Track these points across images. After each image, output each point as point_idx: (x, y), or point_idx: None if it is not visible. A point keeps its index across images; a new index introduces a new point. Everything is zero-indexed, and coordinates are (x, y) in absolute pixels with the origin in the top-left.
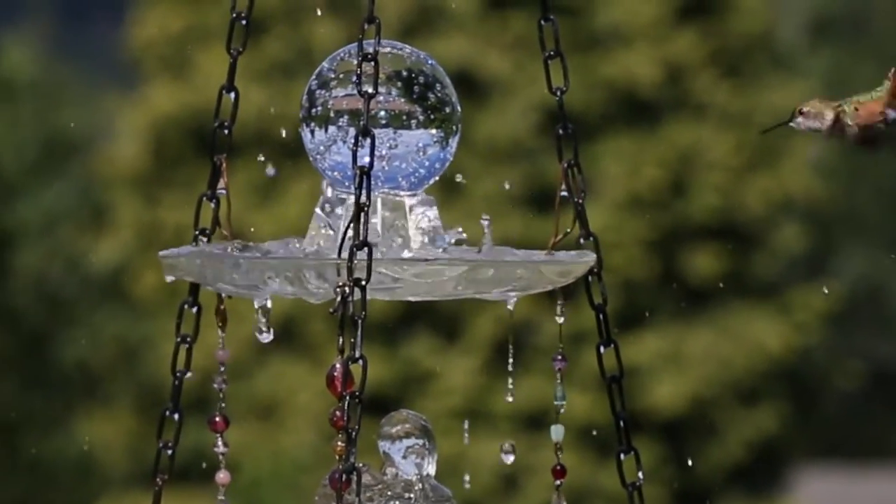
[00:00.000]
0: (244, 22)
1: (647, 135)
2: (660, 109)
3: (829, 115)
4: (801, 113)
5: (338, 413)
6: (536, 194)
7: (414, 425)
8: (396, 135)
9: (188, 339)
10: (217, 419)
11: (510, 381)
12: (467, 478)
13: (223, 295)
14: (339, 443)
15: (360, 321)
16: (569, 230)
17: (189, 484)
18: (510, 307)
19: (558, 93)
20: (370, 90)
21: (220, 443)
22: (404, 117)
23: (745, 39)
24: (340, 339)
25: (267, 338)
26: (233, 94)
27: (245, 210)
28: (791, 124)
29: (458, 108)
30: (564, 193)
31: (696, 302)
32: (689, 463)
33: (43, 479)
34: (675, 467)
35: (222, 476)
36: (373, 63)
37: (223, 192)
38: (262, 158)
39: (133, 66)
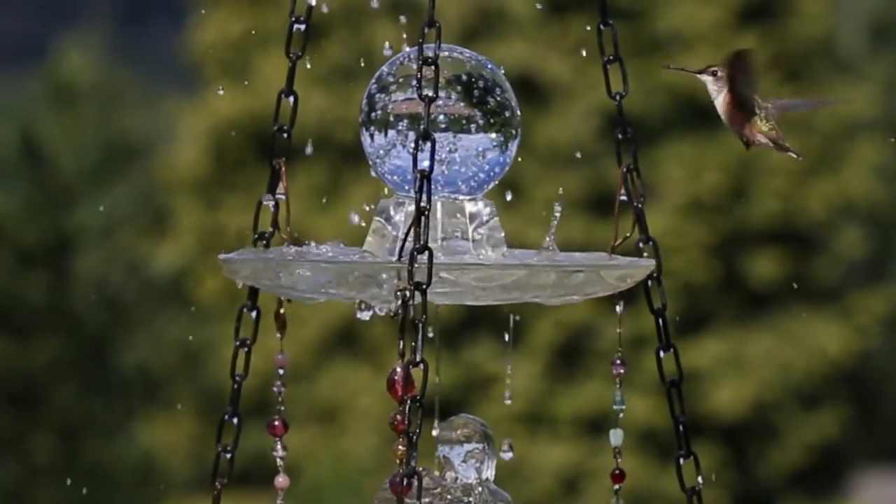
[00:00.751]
0: (304, 26)
1: (707, 139)
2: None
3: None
4: (713, 73)
5: (398, 417)
6: (596, 198)
7: (474, 430)
8: (456, 139)
9: (247, 344)
10: (276, 423)
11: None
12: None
13: (282, 299)
14: (400, 447)
15: (420, 325)
16: (629, 234)
17: (250, 488)
18: (555, 304)
19: (618, 97)
20: (430, 94)
21: (279, 447)
22: (464, 121)
23: (806, 44)
24: (401, 343)
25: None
26: (292, 98)
27: (305, 214)
28: (698, 75)
29: (518, 113)
30: (624, 198)
31: (757, 306)
32: (750, 467)
33: (104, 484)
34: (735, 471)
35: (281, 480)
36: (433, 67)
37: (283, 196)
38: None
39: (193, 71)
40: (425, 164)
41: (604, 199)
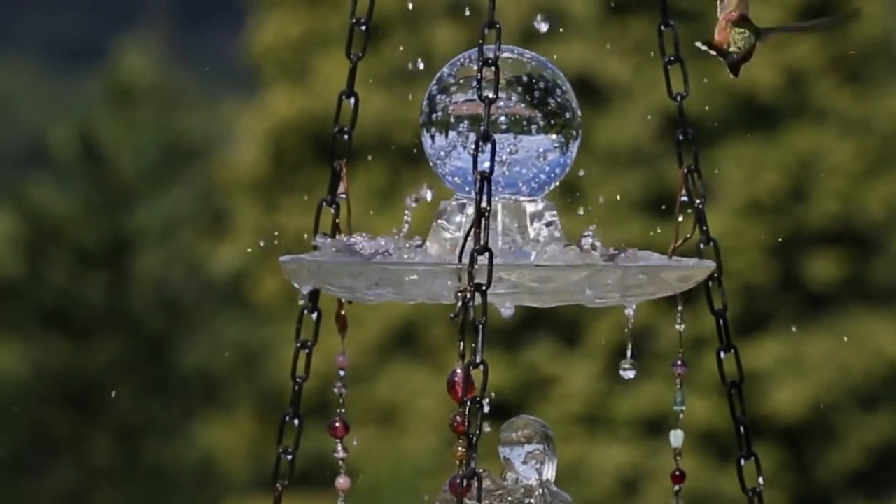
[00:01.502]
0: (364, 27)
1: (766, 140)
2: (780, 115)
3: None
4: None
5: (458, 418)
6: (656, 199)
7: (534, 431)
8: (517, 140)
9: (308, 345)
10: (337, 424)
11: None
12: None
13: (343, 300)
14: (460, 448)
15: (480, 326)
16: (689, 236)
17: (310, 489)
18: (630, 312)
19: (678, 98)
20: (491, 95)
21: (339, 448)
22: (525, 122)
23: (866, 45)
24: (461, 345)
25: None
26: (353, 100)
27: (365, 215)
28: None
29: (579, 113)
30: (684, 198)
31: (816, 307)
32: (810, 468)
33: (163, 485)
34: (794, 472)
35: (342, 481)
36: (493, 68)
37: (343, 196)
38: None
39: (252, 72)
40: (486, 165)
41: (663, 200)
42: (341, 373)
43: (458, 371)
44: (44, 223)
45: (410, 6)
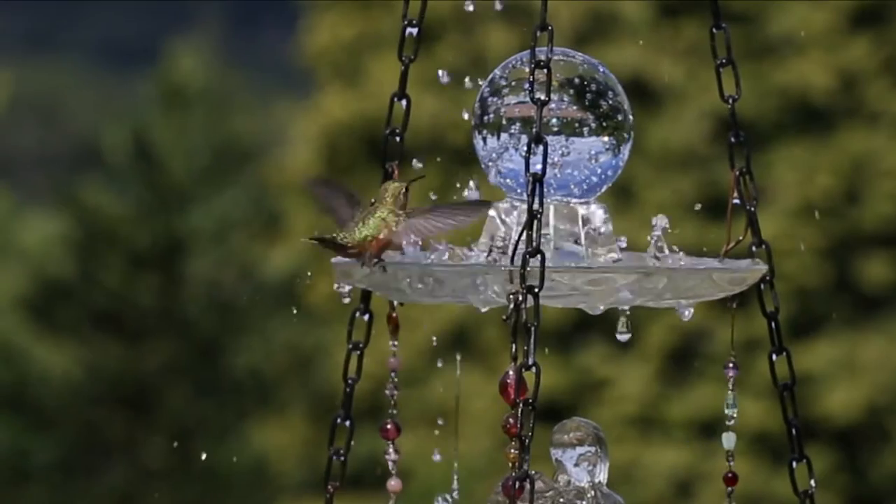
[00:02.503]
0: (416, 29)
1: (820, 142)
2: (833, 117)
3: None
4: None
5: (511, 420)
6: (708, 202)
7: (586, 433)
8: (569, 142)
9: (360, 347)
10: (388, 426)
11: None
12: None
13: (395, 302)
14: (513, 450)
15: (533, 328)
16: (741, 238)
17: (361, 491)
18: (687, 315)
19: (730, 100)
20: (543, 97)
21: (391, 450)
22: (576, 124)
23: None
24: (514, 347)
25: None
26: (405, 102)
27: None
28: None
29: (631, 116)
30: (737, 201)
31: (870, 309)
32: (863, 471)
33: (216, 487)
34: (847, 475)
35: (393, 484)
36: (545, 70)
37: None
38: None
39: (305, 74)
40: (538, 167)
41: (715, 203)
42: (393, 375)
43: (511, 373)
44: (97, 225)
45: (471, 7)
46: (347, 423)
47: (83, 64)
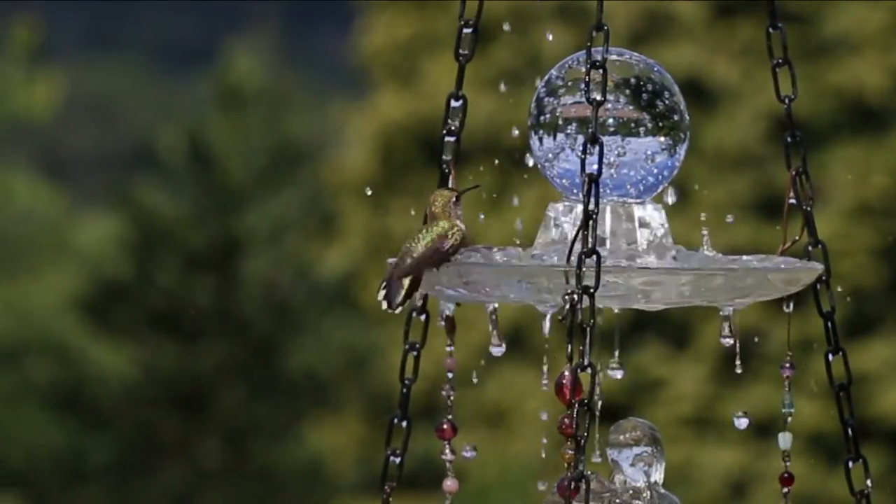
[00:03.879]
0: (472, 29)
1: (875, 142)
2: (889, 117)
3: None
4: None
5: (566, 421)
6: (764, 202)
7: (642, 433)
8: (625, 142)
9: (416, 347)
10: (444, 427)
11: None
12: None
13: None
14: (568, 450)
15: (588, 329)
16: (797, 238)
17: (417, 491)
18: (726, 313)
19: (786, 100)
20: (599, 97)
21: (447, 450)
22: (633, 125)
23: None
24: (569, 347)
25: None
26: (461, 102)
27: (473, 217)
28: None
29: (687, 116)
30: (793, 201)
31: None
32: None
33: (272, 486)
34: None
35: (450, 483)
36: (601, 70)
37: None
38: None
39: (361, 74)
40: (594, 167)
41: (771, 203)
42: (449, 375)
43: (567, 374)
44: (153, 226)
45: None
46: (404, 423)
47: (140, 64)
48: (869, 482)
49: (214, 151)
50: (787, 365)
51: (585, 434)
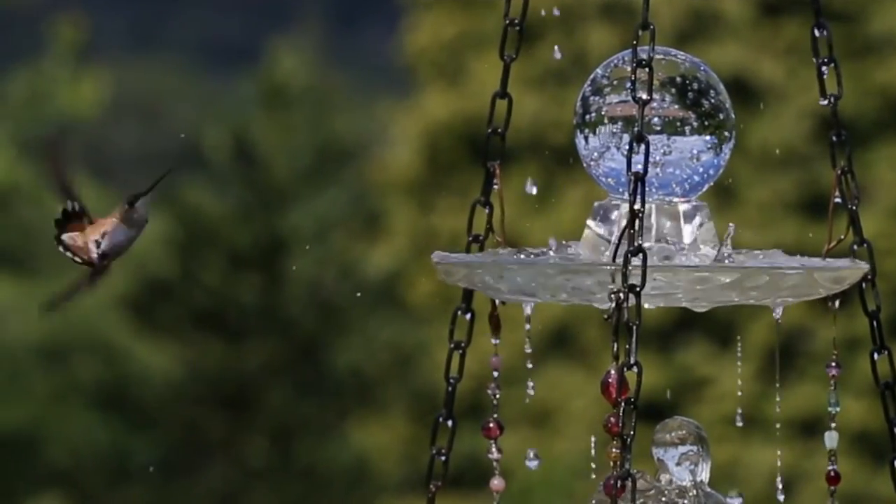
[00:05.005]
0: (518, 28)
1: None
2: None
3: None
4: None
5: (612, 419)
6: (809, 201)
7: (688, 432)
8: (670, 141)
9: (462, 346)
10: (491, 425)
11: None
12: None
13: (496, 301)
14: (614, 449)
15: (634, 327)
16: (842, 237)
17: (463, 490)
18: (777, 315)
19: (832, 99)
20: (645, 96)
21: (493, 449)
22: (678, 123)
23: None
24: (615, 346)
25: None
26: (506, 101)
27: (519, 216)
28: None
29: (732, 115)
30: (838, 200)
31: None
32: None
33: (317, 486)
34: None
35: (496, 483)
36: (647, 69)
37: (497, 199)
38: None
39: (406, 73)
40: (639, 166)
41: (816, 202)
42: (495, 374)
43: (612, 372)
44: (198, 224)
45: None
46: (450, 422)
47: (185, 63)
48: None
49: (259, 150)
50: (833, 364)
51: (631, 432)
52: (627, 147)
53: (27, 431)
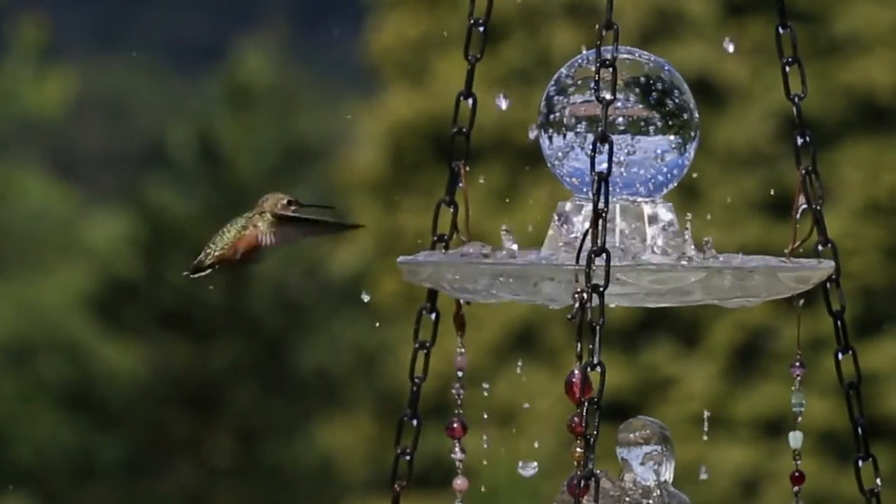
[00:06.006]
0: (482, 28)
1: (885, 141)
2: None
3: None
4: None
5: (576, 419)
6: (773, 201)
7: (652, 432)
8: (634, 141)
9: (426, 346)
10: (455, 425)
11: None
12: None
13: (461, 301)
14: (578, 449)
15: (598, 327)
16: (807, 237)
17: (427, 490)
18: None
19: (796, 99)
20: (609, 96)
21: (457, 449)
22: (642, 123)
23: None
24: (579, 346)
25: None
26: (471, 101)
27: (483, 216)
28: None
29: (696, 115)
30: (803, 201)
31: None
32: None
33: (283, 485)
34: None
35: (460, 482)
36: (611, 69)
37: (462, 198)
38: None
39: (371, 73)
40: (603, 166)
41: (781, 202)
42: (459, 374)
43: (576, 372)
44: (163, 224)
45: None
46: (414, 422)
47: (150, 63)
48: (878, 481)
49: (224, 149)
50: (798, 364)
51: (595, 432)
52: (591, 147)
53: None
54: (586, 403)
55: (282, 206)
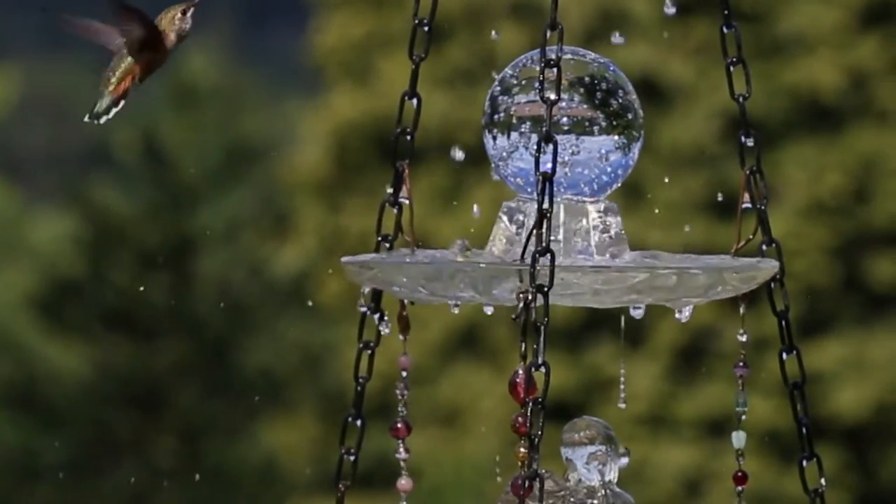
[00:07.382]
0: (426, 28)
1: (829, 141)
2: (842, 116)
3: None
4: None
5: (520, 419)
6: (718, 201)
7: (597, 431)
8: (579, 141)
9: (370, 346)
10: (399, 425)
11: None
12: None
13: (405, 301)
14: (522, 449)
15: (542, 327)
16: (751, 236)
17: (372, 490)
18: (686, 314)
19: (741, 99)
20: (553, 96)
21: (401, 449)
22: (587, 123)
23: None
24: (523, 346)
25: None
26: (415, 101)
27: (427, 216)
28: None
29: (641, 115)
30: (747, 202)
31: (879, 308)
32: (873, 469)
33: (226, 485)
34: (857, 474)
35: (404, 483)
36: (555, 69)
37: (406, 198)
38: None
39: (315, 73)
40: (548, 166)
41: (726, 202)
42: (403, 374)
43: (520, 372)
44: (107, 224)
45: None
46: (358, 422)
47: (93, 62)
48: (823, 480)
49: (168, 150)
50: (741, 364)
51: (539, 432)
52: (535, 147)
53: None
54: (531, 403)
55: (179, 19)
